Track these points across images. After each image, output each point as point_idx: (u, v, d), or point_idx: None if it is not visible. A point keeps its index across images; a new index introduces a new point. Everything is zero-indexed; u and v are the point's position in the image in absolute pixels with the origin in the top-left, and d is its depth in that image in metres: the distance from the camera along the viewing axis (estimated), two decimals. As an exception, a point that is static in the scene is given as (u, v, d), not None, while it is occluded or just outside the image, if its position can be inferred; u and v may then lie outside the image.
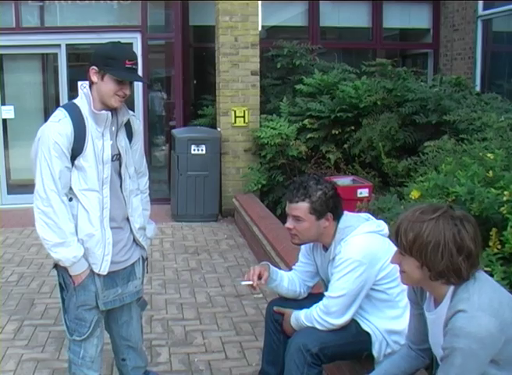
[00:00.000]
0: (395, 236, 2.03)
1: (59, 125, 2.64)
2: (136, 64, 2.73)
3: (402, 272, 2.07)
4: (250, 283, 2.93)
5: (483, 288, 1.95)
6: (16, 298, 4.85)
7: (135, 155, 2.95)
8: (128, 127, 2.88)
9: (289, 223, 2.84)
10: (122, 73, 2.66)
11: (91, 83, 2.72)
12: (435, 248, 1.92)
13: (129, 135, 2.90)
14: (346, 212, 2.92)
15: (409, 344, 2.35)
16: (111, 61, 2.65)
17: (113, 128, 2.78)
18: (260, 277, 2.94)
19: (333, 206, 2.79)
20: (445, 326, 1.95)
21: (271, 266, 3.06)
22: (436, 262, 1.93)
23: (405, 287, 2.62)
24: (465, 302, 1.90)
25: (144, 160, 3.10)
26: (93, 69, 2.69)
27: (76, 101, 2.77)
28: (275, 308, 3.03)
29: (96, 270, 2.74)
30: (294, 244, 3.01)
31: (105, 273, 2.76)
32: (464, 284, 1.96)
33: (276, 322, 3.03)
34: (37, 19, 8.36)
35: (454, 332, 1.87)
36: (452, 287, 1.99)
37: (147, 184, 3.15)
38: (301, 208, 2.77)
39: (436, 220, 1.94)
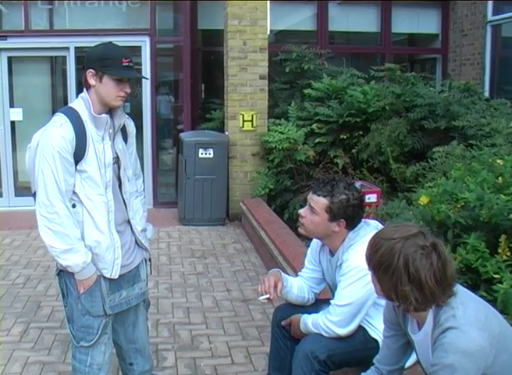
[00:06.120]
0: (368, 244, 2.01)
1: (61, 130, 2.59)
2: (132, 62, 2.69)
3: None
4: (267, 296, 2.89)
5: (465, 302, 1.92)
6: (22, 300, 4.85)
7: (131, 157, 2.94)
8: (123, 130, 2.87)
9: (304, 211, 2.82)
10: (122, 72, 2.64)
11: (88, 87, 2.69)
12: (386, 269, 1.89)
13: (124, 138, 2.89)
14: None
15: (378, 365, 2.33)
16: (107, 61, 2.62)
17: (110, 130, 2.76)
18: (275, 286, 2.91)
19: (351, 215, 2.73)
20: (433, 344, 1.93)
21: (282, 273, 3.03)
22: (384, 282, 1.93)
23: None
24: (452, 320, 1.87)
25: (138, 162, 3.10)
26: (90, 72, 2.65)
27: (73, 105, 2.72)
28: (282, 322, 3.00)
29: (107, 275, 2.72)
30: (299, 233, 2.99)
31: (117, 276, 2.74)
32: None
33: (283, 327, 3.01)
34: (46, 22, 8.37)
35: (443, 347, 1.85)
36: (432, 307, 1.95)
37: (143, 186, 3.14)
38: (320, 202, 2.74)
39: (397, 242, 1.88)
